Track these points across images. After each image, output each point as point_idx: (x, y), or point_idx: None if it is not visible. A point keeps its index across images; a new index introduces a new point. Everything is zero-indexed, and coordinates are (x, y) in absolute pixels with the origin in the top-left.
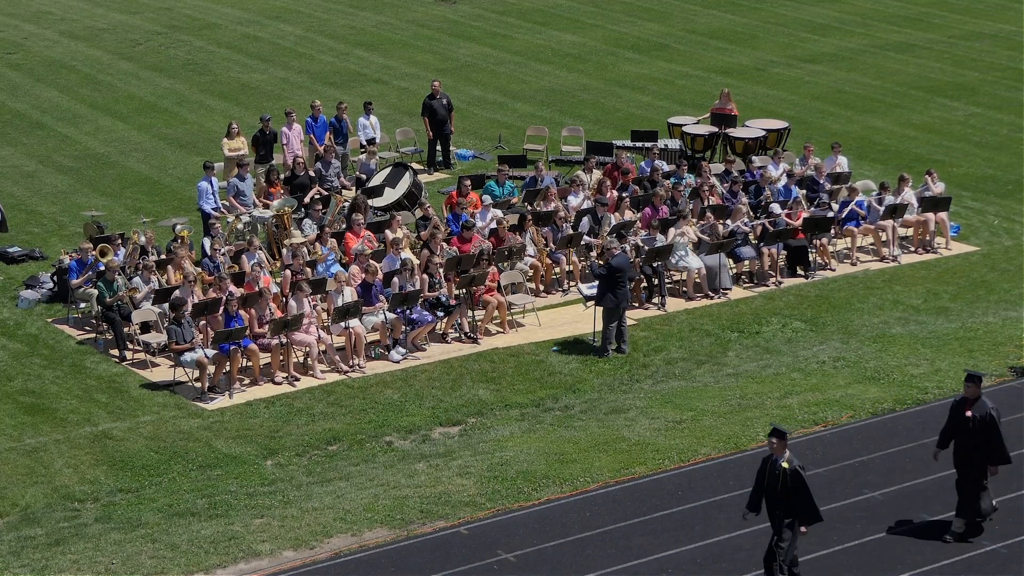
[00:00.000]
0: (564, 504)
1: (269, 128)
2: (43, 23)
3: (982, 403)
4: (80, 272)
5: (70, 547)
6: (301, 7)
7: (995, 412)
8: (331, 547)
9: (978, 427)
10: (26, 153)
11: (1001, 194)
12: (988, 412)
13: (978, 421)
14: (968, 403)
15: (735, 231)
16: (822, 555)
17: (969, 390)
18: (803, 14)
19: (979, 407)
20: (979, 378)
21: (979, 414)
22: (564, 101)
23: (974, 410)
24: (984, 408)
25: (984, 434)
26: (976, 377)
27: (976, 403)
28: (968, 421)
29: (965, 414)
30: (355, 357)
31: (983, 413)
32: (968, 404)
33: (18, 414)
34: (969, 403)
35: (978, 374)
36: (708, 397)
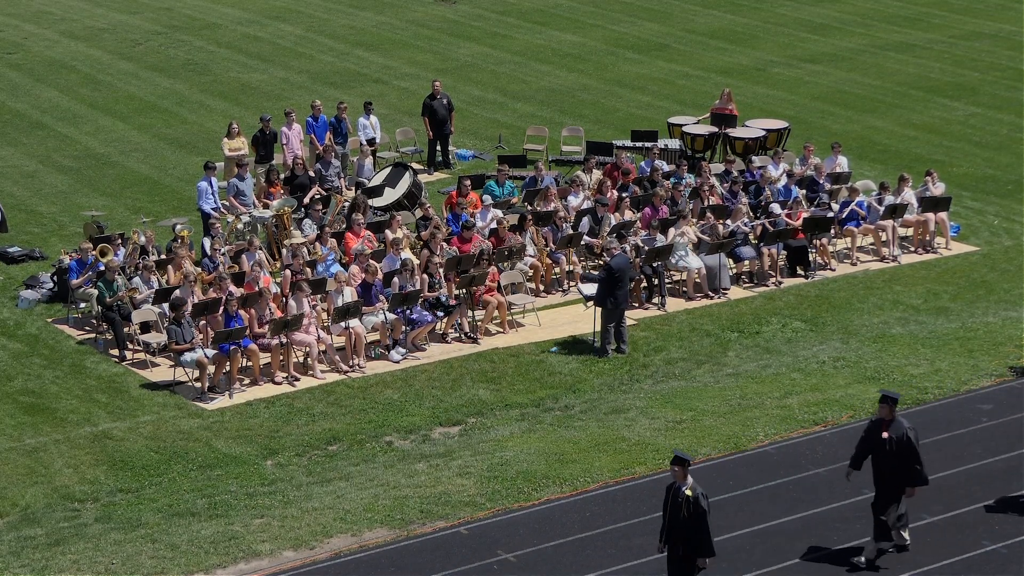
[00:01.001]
0: (564, 504)
1: (269, 128)
2: (43, 23)
3: (898, 424)
4: (80, 272)
5: (70, 547)
6: (301, 7)
7: (912, 433)
8: (331, 547)
9: (895, 449)
10: (26, 153)
11: (1001, 194)
12: (904, 433)
13: (895, 443)
14: (884, 424)
15: (735, 231)
16: (822, 555)
17: (884, 411)
18: (803, 14)
19: (895, 428)
20: (894, 399)
21: (896, 435)
22: (564, 101)
23: (891, 431)
24: (900, 429)
25: (901, 455)
26: (891, 398)
27: (892, 424)
28: (885, 443)
29: (882, 436)
30: (355, 357)
31: (899, 434)
32: (884, 425)
33: (18, 414)
34: (885, 424)
35: (893, 395)
36: (708, 397)
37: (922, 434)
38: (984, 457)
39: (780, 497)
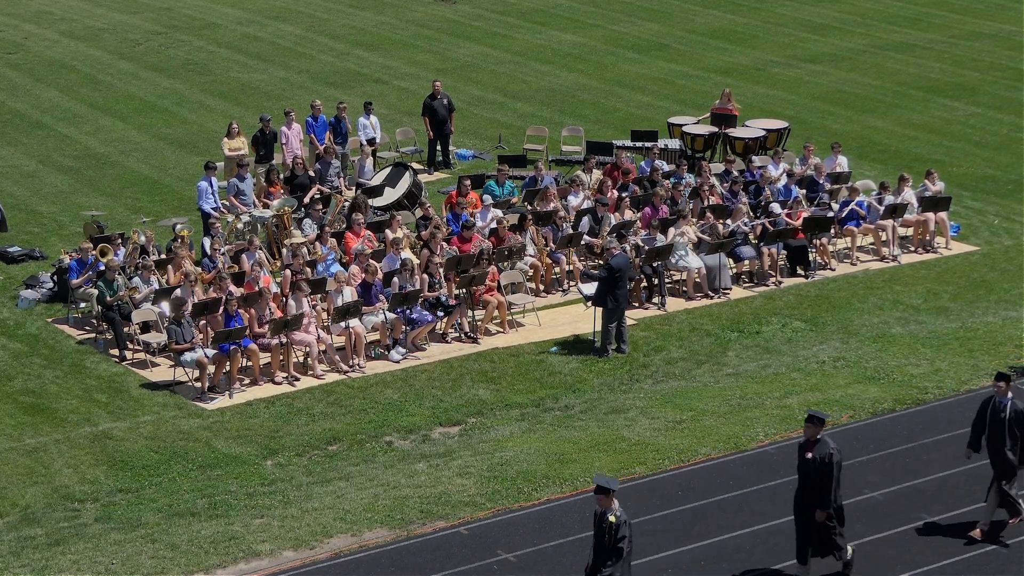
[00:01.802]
0: (564, 504)
1: (269, 128)
2: (43, 23)
3: (824, 444)
4: (80, 272)
5: (70, 547)
6: (301, 7)
7: (836, 455)
8: (331, 547)
9: (817, 469)
10: (26, 153)
11: (1001, 194)
12: (828, 454)
13: (817, 463)
14: (809, 444)
15: (735, 231)
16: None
17: (809, 431)
18: (803, 14)
19: (820, 448)
20: (821, 419)
21: (819, 456)
22: (564, 101)
23: (815, 452)
24: (825, 450)
25: (821, 477)
26: (817, 418)
27: (817, 444)
28: (808, 462)
29: (806, 456)
30: (355, 357)
31: (823, 455)
32: (809, 446)
33: (18, 414)
34: (811, 444)
35: (820, 415)
36: (708, 397)
37: (922, 434)
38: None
39: (780, 497)
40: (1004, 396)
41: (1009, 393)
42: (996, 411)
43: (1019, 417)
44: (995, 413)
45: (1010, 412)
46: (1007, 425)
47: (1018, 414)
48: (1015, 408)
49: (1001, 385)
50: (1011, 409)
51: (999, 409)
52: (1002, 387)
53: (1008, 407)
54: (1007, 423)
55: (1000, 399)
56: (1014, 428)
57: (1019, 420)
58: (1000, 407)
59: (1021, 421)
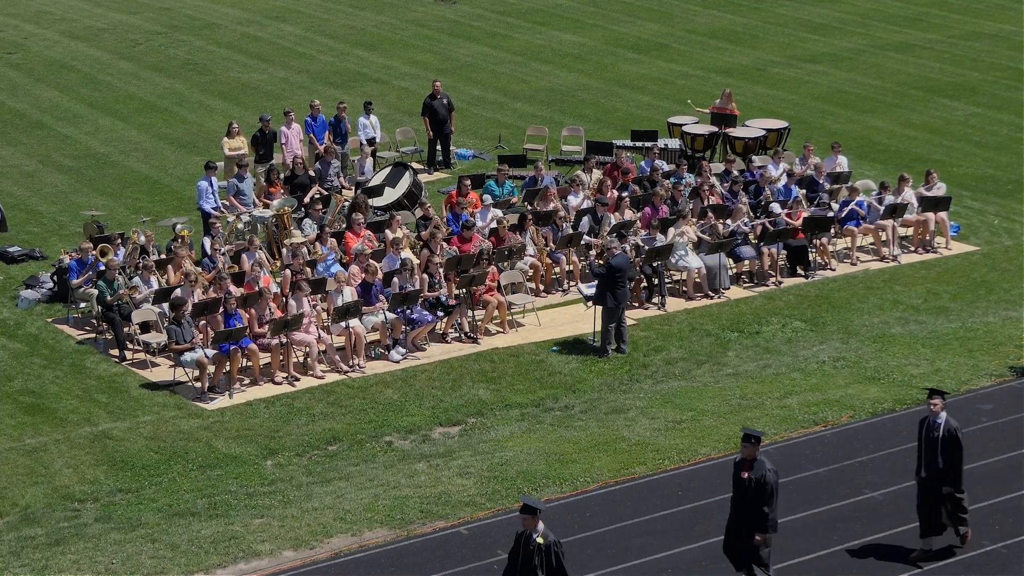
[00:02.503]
0: (564, 504)
1: (269, 128)
2: (43, 23)
3: (760, 464)
4: (80, 272)
5: (70, 547)
6: (301, 7)
7: (772, 475)
8: (331, 547)
9: (753, 490)
10: (26, 153)
11: (1001, 194)
12: (764, 475)
13: (753, 483)
14: (746, 464)
15: (735, 231)
16: (823, 555)
17: (746, 451)
18: (803, 14)
19: (757, 469)
20: (757, 438)
21: (755, 476)
22: (564, 101)
23: (752, 472)
24: (761, 470)
25: (758, 497)
26: (754, 437)
27: (754, 464)
28: (744, 482)
29: (742, 476)
30: (355, 357)
31: (759, 475)
32: (746, 465)
33: (18, 414)
34: (747, 464)
35: (755, 433)
36: (708, 397)
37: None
38: (984, 457)
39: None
40: (938, 414)
41: (943, 412)
42: (930, 429)
43: (952, 436)
44: (928, 431)
45: (943, 431)
46: (939, 444)
47: (951, 433)
48: (948, 427)
49: (936, 402)
50: (944, 428)
51: (932, 427)
52: (936, 404)
53: (942, 426)
54: (939, 442)
55: (933, 418)
56: (946, 447)
57: (952, 439)
58: (934, 426)
59: (954, 440)
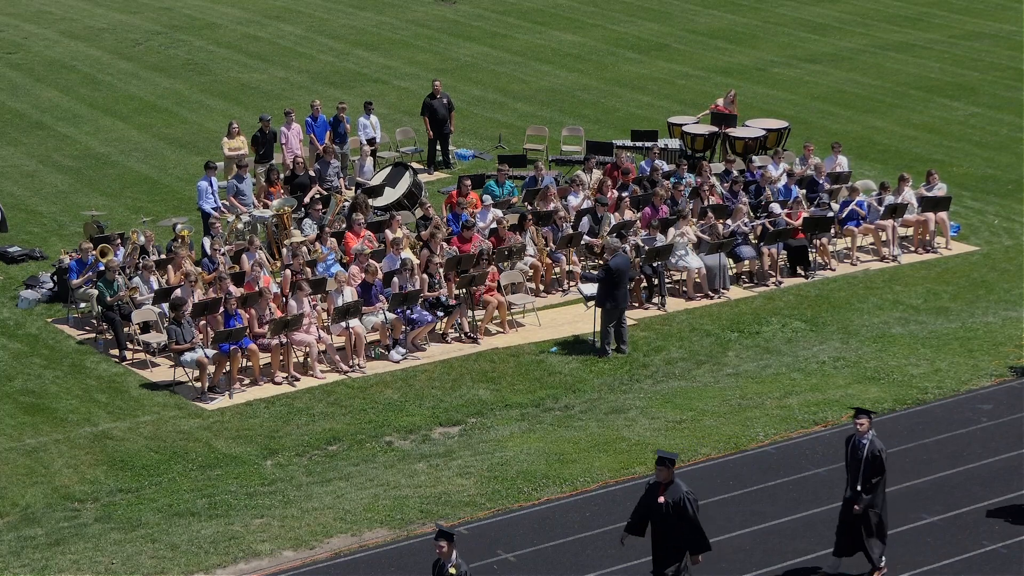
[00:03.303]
0: (564, 504)
1: (269, 128)
2: (43, 23)
3: (676, 487)
4: (80, 272)
5: (70, 547)
6: (301, 7)
7: (691, 497)
8: (331, 547)
9: (671, 513)
10: (26, 153)
11: (1001, 194)
12: (682, 498)
13: (671, 507)
14: (661, 488)
15: (735, 231)
16: (822, 555)
17: (661, 474)
18: (803, 14)
19: (672, 492)
20: (671, 460)
21: (672, 500)
22: (564, 101)
23: (667, 495)
24: (678, 493)
25: (678, 521)
26: (668, 460)
27: (669, 488)
28: (661, 507)
29: (658, 500)
30: (355, 357)
31: (676, 499)
32: (661, 489)
33: (18, 414)
34: (662, 488)
35: (670, 456)
36: (708, 397)
37: (922, 434)
38: (984, 457)
39: (780, 497)
40: (864, 434)
41: (870, 431)
42: (856, 449)
43: (876, 458)
44: (854, 452)
45: (868, 452)
46: (863, 465)
47: (875, 455)
48: (873, 448)
49: (862, 422)
50: (869, 449)
51: (858, 447)
52: (863, 424)
53: (867, 446)
54: (863, 463)
55: (859, 437)
56: (868, 469)
57: (875, 460)
58: (859, 446)
59: (877, 461)
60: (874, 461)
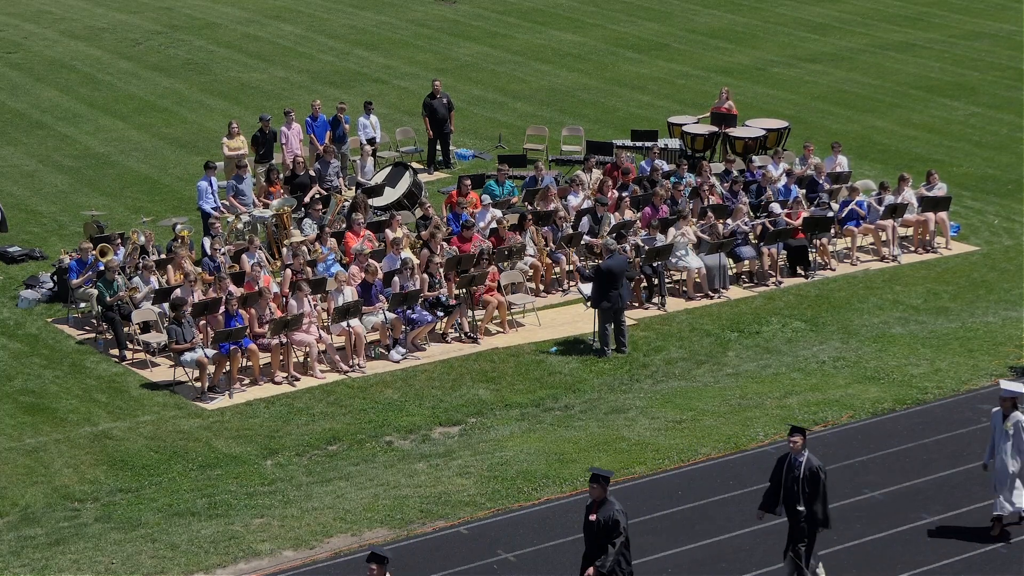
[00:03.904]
0: (564, 504)
1: (269, 128)
2: (43, 23)
3: (608, 505)
4: (80, 272)
5: (70, 547)
6: (301, 7)
7: (621, 516)
8: (331, 547)
9: (601, 531)
10: (26, 153)
11: (1001, 194)
12: (612, 516)
13: (602, 526)
14: (594, 506)
15: (735, 231)
16: (822, 555)
17: (594, 492)
18: (803, 14)
19: (604, 511)
20: (605, 478)
21: (603, 518)
22: (564, 101)
23: (599, 514)
24: (609, 511)
25: (608, 540)
26: (601, 477)
27: (603, 506)
28: (593, 525)
29: (589, 518)
30: (355, 357)
31: (607, 517)
32: (594, 507)
33: (18, 414)
34: (595, 506)
35: (604, 473)
36: (708, 397)
37: (922, 434)
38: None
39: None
40: (799, 453)
41: (805, 450)
42: (791, 468)
43: (813, 476)
44: (789, 471)
45: (804, 470)
46: (800, 484)
47: (812, 472)
48: (810, 465)
49: (796, 440)
50: (805, 467)
51: (794, 467)
52: (796, 442)
53: (803, 465)
54: (800, 481)
55: (795, 456)
56: (805, 487)
57: (813, 479)
58: (795, 464)
59: (815, 480)
60: (812, 479)
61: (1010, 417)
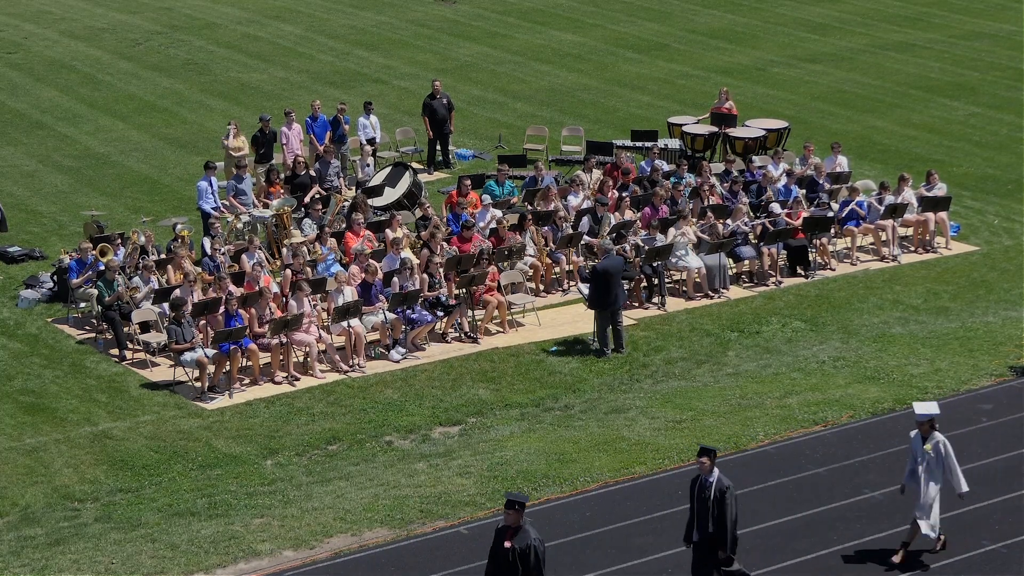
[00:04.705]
0: (564, 504)
1: (268, 128)
2: (43, 23)
3: (524, 534)
4: (80, 272)
5: (70, 547)
6: (301, 7)
7: (538, 544)
8: (331, 547)
9: (515, 560)
10: (26, 153)
11: (1001, 194)
12: (529, 544)
13: (516, 554)
14: (508, 533)
15: (735, 231)
16: (822, 555)
17: (510, 518)
18: (803, 14)
19: (520, 538)
20: (521, 504)
21: (519, 546)
22: (564, 101)
23: (515, 541)
24: (526, 539)
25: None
26: (517, 503)
27: (518, 533)
28: (507, 553)
29: (503, 545)
30: (355, 357)
31: (523, 545)
32: (508, 534)
33: (18, 414)
34: (510, 532)
35: (519, 499)
36: (708, 397)
37: None
38: (984, 457)
39: (780, 497)
40: (708, 473)
41: (715, 470)
42: (701, 489)
43: (722, 497)
44: (700, 492)
45: (714, 492)
46: (710, 506)
47: (721, 494)
48: (720, 487)
49: (704, 461)
50: (715, 488)
51: (704, 488)
52: (705, 463)
53: (713, 486)
54: (711, 503)
55: (705, 477)
56: (714, 509)
57: (721, 500)
58: (706, 486)
59: (722, 500)
60: (722, 499)
61: (930, 439)
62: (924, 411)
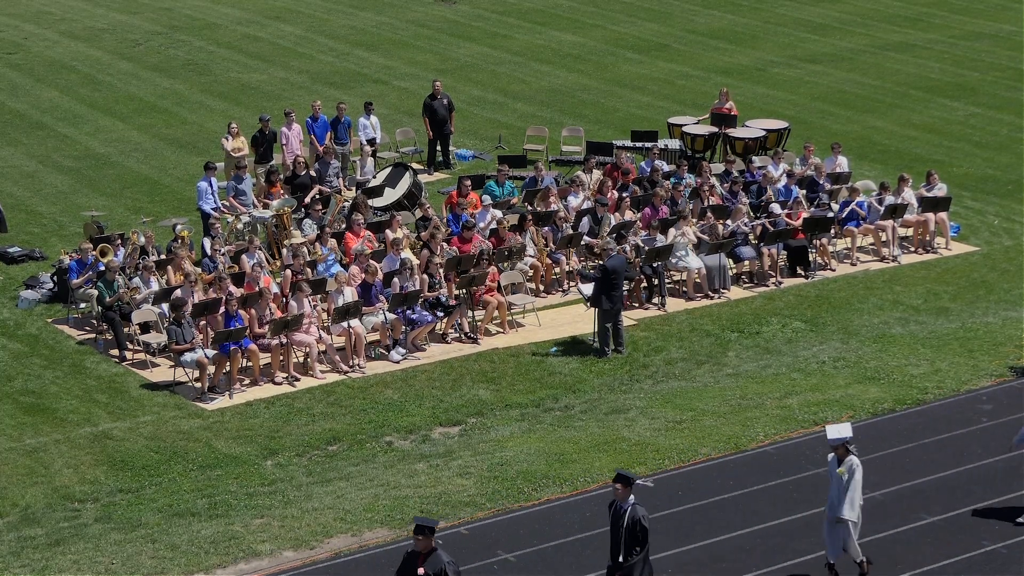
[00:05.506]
0: (564, 504)
1: (268, 128)
2: (43, 23)
3: (436, 558)
4: (80, 272)
5: (70, 547)
6: (301, 7)
7: (451, 568)
8: (331, 547)
9: None
10: (26, 153)
11: (1001, 194)
12: (442, 569)
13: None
14: (420, 558)
15: (735, 231)
16: (822, 555)
17: (420, 543)
18: (803, 14)
19: (432, 563)
20: (430, 528)
21: (432, 571)
22: (564, 101)
23: (426, 567)
24: (438, 564)
25: None
26: (426, 528)
27: (429, 558)
28: None
29: (417, 572)
30: (355, 357)
31: (436, 570)
32: (420, 559)
33: (18, 414)
34: (421, 558)
35: (429, 523)
36: (708, 397)
37: (922, 434)
38: (984, 457)
39: (780, 497)
40: (624, 500)
41: (631, 497)
42: (617, 516)
43: (635, 524)
44: (616, 519)
45: (628, 520)
46: (622, 534)
47: (635, 522)
48: (633, 515)
49: (618, 488)
50: (630, 516)
51: (620, 514)
52: (619, 490)
53: (627, 513)
54: (623, 531)
55: (620, 504)
56: (625, 536)
57: (633, 528)
58: (621, 512)
59: (633, 530)
60: (634, 528)
61: (845, 462)
62: (836, 435)
